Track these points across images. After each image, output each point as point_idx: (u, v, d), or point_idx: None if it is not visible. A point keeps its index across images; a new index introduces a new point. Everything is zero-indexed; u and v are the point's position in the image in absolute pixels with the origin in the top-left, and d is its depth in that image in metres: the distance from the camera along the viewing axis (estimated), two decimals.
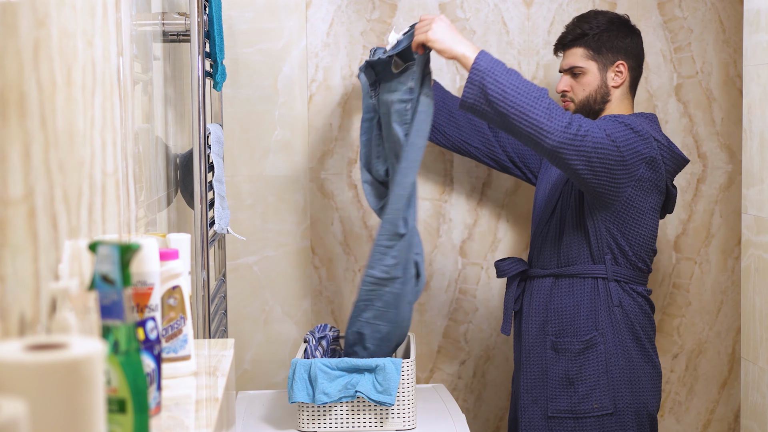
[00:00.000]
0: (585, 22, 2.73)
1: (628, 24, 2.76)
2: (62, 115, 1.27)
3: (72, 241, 1.30)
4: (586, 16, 2.76)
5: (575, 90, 2.74)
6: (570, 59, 2.74)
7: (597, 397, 2.63)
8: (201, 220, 2.23)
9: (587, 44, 2.71)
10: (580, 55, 2.72)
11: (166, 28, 2.26)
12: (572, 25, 2.75)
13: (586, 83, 2.72)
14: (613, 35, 2.71)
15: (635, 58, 2.75)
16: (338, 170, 3.10)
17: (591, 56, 2.71)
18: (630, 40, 2.73)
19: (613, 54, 2.71)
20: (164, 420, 1.29)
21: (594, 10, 2.80)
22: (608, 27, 2.71)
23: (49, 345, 0.93)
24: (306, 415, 2.47)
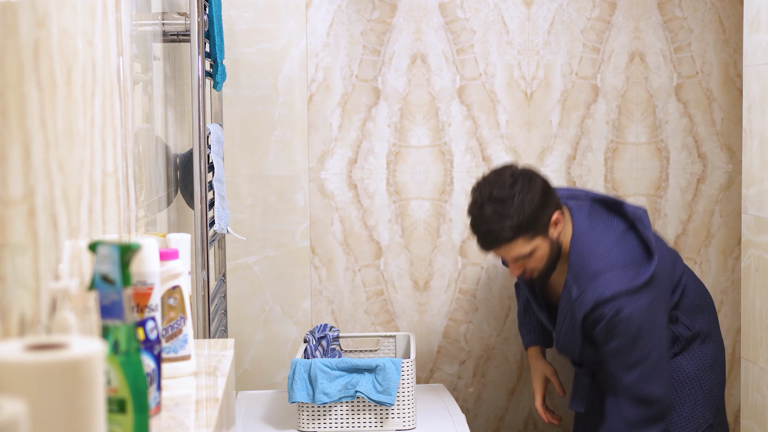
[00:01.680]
0: (506, 218, 2.45)
1: (527, 175, 2.51)
2: (62, 115, 1.27)
3: (72, 241, 1.30)
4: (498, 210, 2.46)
5: (531, 266, 2.54)
6: (512, 252, 2.50)
7: (700, 413, 2.65)
8: (201, 220, 2.22)
9: (522, 233, 2.47)
10: (521, 246, 2.49)
11: (166, 28, 2.26)
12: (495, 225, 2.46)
13: (540, 257, 2.52)
14: (533, 204, 2.47)
15: (551, 195, 2.52)
16: (338, 170, 3.10)
17: (532, 237, 2.49)
18: (543, 188, 2.51)
19: (545, 216, 2.50)
20: (164, 420, 1.29)
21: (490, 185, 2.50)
22: (524, 200, 2.46)
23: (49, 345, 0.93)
24: (306, 415, 2.47)
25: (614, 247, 2.52)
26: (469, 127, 3.12)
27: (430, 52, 3.09)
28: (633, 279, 2.47)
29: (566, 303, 2.54)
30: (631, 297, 2.45)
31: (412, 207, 3.12)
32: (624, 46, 3.14)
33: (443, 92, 3.10)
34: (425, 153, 3.12)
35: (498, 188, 2.48)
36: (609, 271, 2.47)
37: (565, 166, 3.15)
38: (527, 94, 3.12)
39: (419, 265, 3.14)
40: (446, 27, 3.09)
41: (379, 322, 3.14)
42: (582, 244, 2.53)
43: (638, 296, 2.46)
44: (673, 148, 3.17)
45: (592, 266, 2.49)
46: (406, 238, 3.13)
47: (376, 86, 3.09)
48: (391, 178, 3.11)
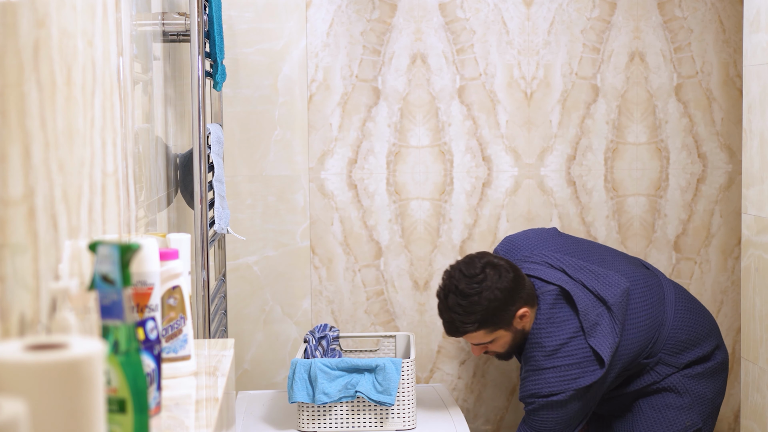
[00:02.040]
0: (471, 314, 2.51)
1: (499, 268, 2.54)
2: (62, 115, 1.27)
3: (72, 241, 1.30)
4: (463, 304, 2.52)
5: (493, 349, 2.62)
6: (474, 339, 2.59)
7: (687, 416, 2.66)
8: (201, 220, 2.22)
9: (482, 327, 2.54)
10: (482, 336, 2.57)
11: (166, 28, 2.26)
12: (458, 317, 2.53)
13: (502, 344, 2.59)
14: (499, 300, 2.51)
15: (521, 290, 2.55)
16: (338, 170, 3.10)
17: (493, 330, 2.55)
18: (510, 284, 2.53)
19: (510, 312, 2.54)
20: (164, 420, 1.29)
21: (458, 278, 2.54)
22: (490, 300, 2.50)
23: (49, 345, 0.92)
24: (306, 415, 2.47)
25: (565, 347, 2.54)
26: (469, 127, 3.12)
27: (430, 52, 3.09)
28: (570, 382, 2.51)
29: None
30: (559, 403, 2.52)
31: (412, 207, 3.12)
32: (624, 46, 3.14)
33: (443, 92, 3.10)
34: (425, 153, 3.12)
35: (466, 282, 2.52)
36: (552, 372, 2.52)
37: (565, 166, 3.15)
38: (527, 94, 3.12)
39: (419, 265, 3.14)
40: (446, 27, 3.09)
41: (379, 322, 3.14)
42: (535, 335, 2.57)
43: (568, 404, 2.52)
44: (673, 148, 3.17)
45: (539, 361, 2.55)
46: (406, 238, 3.13)
47: (376, 86, 3.09)
48: (391, 178, 3.11)
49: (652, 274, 2.75)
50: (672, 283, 2.76)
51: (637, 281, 2.67)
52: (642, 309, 2.63)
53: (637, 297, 2.63)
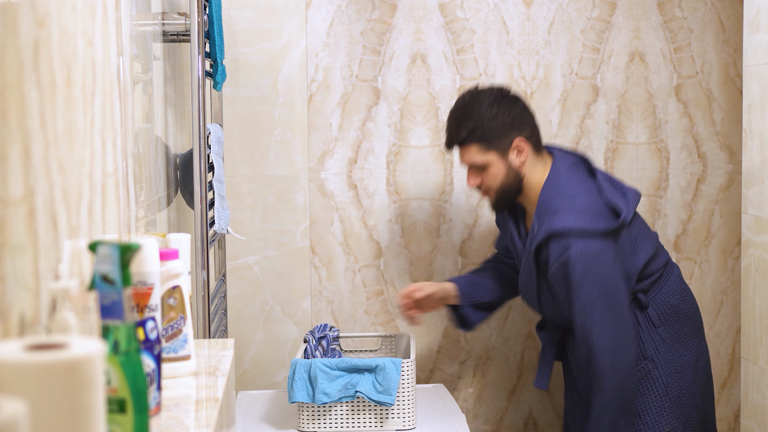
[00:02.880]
0: (467, 119, 2.55)
1: (506, 96, 2.59)
2: (62, 115, 1.27)
3: (72, 241, 1.30)
4: (464, 110, 2.57)
5: (486, 182, 2.60)
6: (467, 157, 2.59)
7: (666, 420, 2.60)
8: (201, 220, 2.22)
9: (478, 139, 2.55)
10: (475, 152, 2.57)
11: (166, 28, 2.26)
12: (455, 125, 2.58)
13: (494, 174, 2.58)
14: (499, 118, 2.54)
15: (528, 125, 2.59)
16: (338, 170, 3.10)
17: (486, 148, 2.56)
18: (515, 112, 2.57)
19: (507, 136, 2.55)
20: (164, 420, 1.29)
21: (469, 96, 2.60)
22: (490, 113, 2.54)
23: (49, 345, 0.92)
24: (306, 415, 2.47)
25: (582, 195, 2.54)
26: None
27: (430, 52, 3.09)
28: (589, 222, 2.48)
29: (528, 241, 2.57)
30: (581, 239, 2.46)
31: (412, 207, 3.12)
32: (624, 46, 3.14)
33: (443, 92, 3.11)
34: (425, 153, 3.12)
35: (476, 94, 2.59)
36: (568, 211, 2.50)
37: None
38: (527, 94, 3.12)
39: (419, 265, 3.14)
40: (446, 27, 3.09)
41: (379, 322, 3.14)
42: (551, 185, 2.57)
43: (588, 241, 2.47)
44: (673, 148, 3.17)
45: (555, 203, 2.53)
46: (406, 238, 3.13)
47: (376, 86, 3.09)
48: (391, 178, 3.12)
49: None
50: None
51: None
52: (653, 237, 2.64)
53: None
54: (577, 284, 2.46)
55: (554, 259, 2.48)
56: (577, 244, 2.46)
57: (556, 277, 2.50)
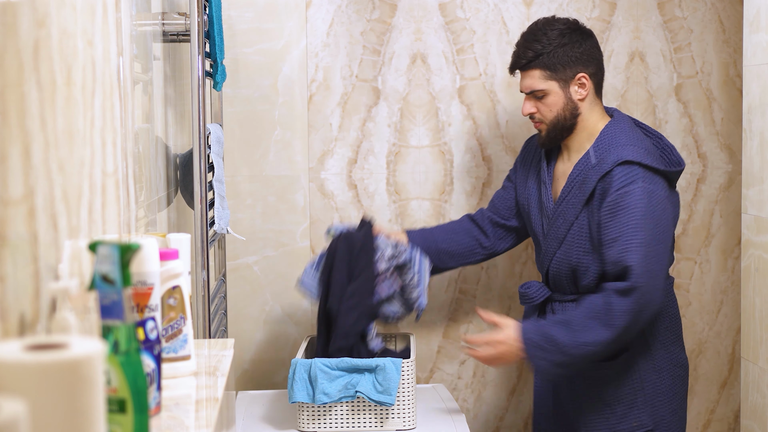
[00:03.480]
0: (536, 42, 2.57)
1: (580, 29, 2.61)
2: (62, 115, 1.27)
3: (72, 241, 1.30)
4: (535, 33, 2.60)
5: (542, 111, 2.60)
6: (528, 82, 2.60)
7: (636, 415, 2.57)
8: (201, 220, 2.23)
9: (543, 65, 2.56)
10: (538, 77, 2.58)
11: (166, 28, 2.26)
12: (523, 46, 2.60)
13: (551, 104, 2.58)
14: (567, 48, 2.57)
15: (595, 63, 2.61)
16: (338, 170, 3.10)
17: (549, 76, 2.57)
18: (585, 47, 2.59)
19: (572, 68, 2.57)
20: (164, 420, 1.29)
21: (542, 21, 2.63)
22: (560, 41, 2.57)
23: (49, 345, 0.92)
24: (306, 415, 2.47)
25: (646, 141, 2.58)
26: (469, 127, 3.12)
27: (430, 52, 3.09)
28: (656, 162, 2.51)
29: (580, 169, 2.56)
30: (649, 175, 2.48)
31: (412, 207, 3.12)
32: (624, 46, 3.14)
33: (443, 92, 3.11)
34: (425, 153, 3.12)
35: (550, 22, 2.61)
36: (635, 147, 2.52)
37: None
38: None
39: None
40: (446, 27, 3.09)
41: (379, 322, 3.14)
42: (615, 127, 2.58)
43: (655, 180, 2.48)
44: None
45: (620, 139, 2.54)
46: None
47: (376, 86, 3.09)
48: (391, 178, 3.12)
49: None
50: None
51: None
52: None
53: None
54: (636, 214, 2.44)
55: (617, 186, 2.47)
56: (644, 181, 2.46)
57: (611, 204, 2.47)
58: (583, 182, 2.55)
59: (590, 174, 2.53)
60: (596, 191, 2.52)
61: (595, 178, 2.51)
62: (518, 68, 2.62)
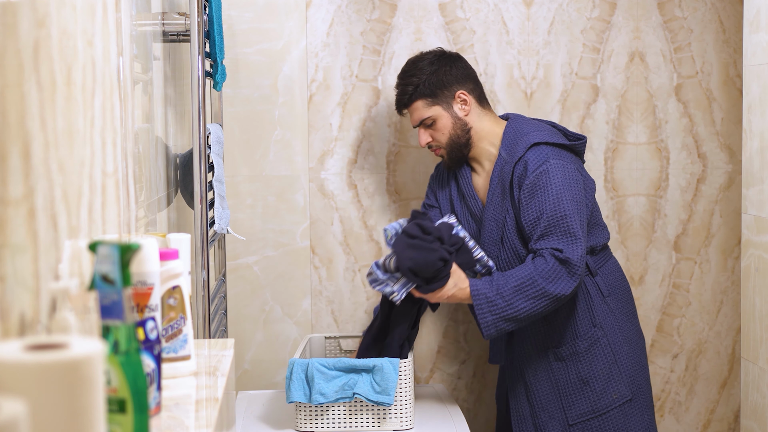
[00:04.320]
0: (411, 77, 2.71)
1: (446, 55, 2.75)
2: (62, 115, 1.27)
3: (72, 241, 1.30)
4: (408, 71, 2.74)
5: (437, 138, 2.72)
6: (416, 114, 2.73)
7: (614, 388, 2.65)
8: (201, 220, 2.22)
9: (422, 94, 2.70)
10: (422, 107, 2.71)
11: (166, 28, 2.26)
12: (402, 86, 2.74)
13: (442, 127, 2.70)
14: (440, 73, 2.70)
15: (470, 79, 2.74)
16: (338, 170, 3.10)
17: (431, 102, 2.70)
18: (456, 68, 2.72)
19: (449, 88, 2.70)
20: (164, 420, 1.29)
21: (411, 60, 2.76)
22: (431, 69, 2.70)
23: (49, 345, 0.92)
24: (304, 415, 2.47)
25: (547, 125, 2.73)
26: None
27: None
28: (561, 139, 2.66)
29: (497, 172, 2.67)
30: (557, 151, 2.62)
31: (412, 207, 3.12)
32: (624, 46, 3.14)
33: None
34: (425, 153, 3.11)
35: (419, 57, 2.76)
36: (538, 131, 2.66)
37: None
38: (527, 94, 3.12)
39: None
40: (446, 27, 3.09)
41: None
42: (515, 125, 2.71)
43: (563, 155, 2.62)
44: (673, 148, 3.17)
45: (522, 130, 2.68)
46: None
47: (376, 86, 3.09)
48: (391, 178, 3.12)
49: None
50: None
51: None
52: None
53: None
54: (553, 190, 2.56)
55: (533, 168, 2.59)
56: (555, 159, 2.59)
57: (533, 188, 2.58)
58: (501, 178, 2.66)
59: (506, 167, 2.64)
60: (513, 180, 2.63)
61: (510, 168, 2.63)
62: (402, 106, 2.76)
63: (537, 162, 2.58)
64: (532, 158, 2.59)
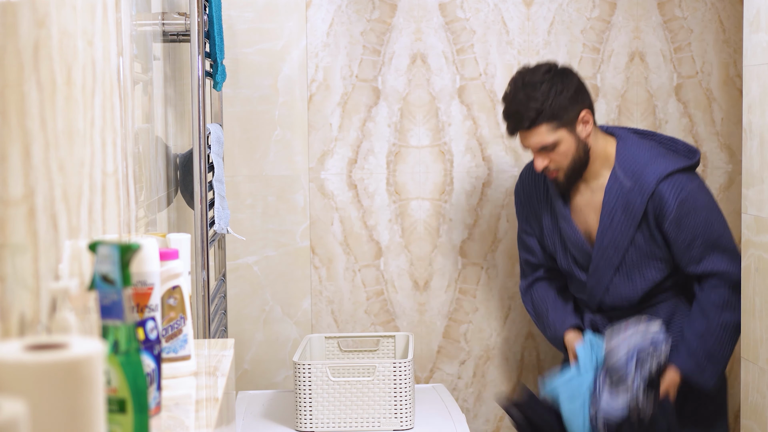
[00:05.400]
0: (531, 100, 2.53)
1: (561, 70, 2.60)
2: (62, 115, 1.27)
3: (72, 241, 1.30)
4: (526, 91, 2.55)
5: (557, 161, 2.58)
6: (536, 139, 2.55)
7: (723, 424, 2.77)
8: (201, 220, 2.22)
9: (547, 118, 2.53)
10: (545, 132, 2.54)
11: (166, 28, 2.26)
12: (522, 106, 2.54)
13: (565, 151, 2.57)
14: (563, 93, 2.54)
15: (588, 95, 2.62)
16: (338, 170, 3.10)
17: (556, 126, 2.54)
18: (575, 84, 2.59)
19: (573, 110, 2.56)
20: (164, 420, 1.29)
21: (525, 76, 2.58)
22: (554, 89, 2.54)
23: (49, 345, 0.92)
24: (305, 415, 2.47)
25: (660, 145, 2.66)
26: (469, 127, 3.12)
27: (430, 52, 3.09)
28: (684, 161, 2.60)
29: (615, 196, 2.59)
30: (686, 176, 2.58)
31: (412, 207, 3.12)
32: (624, 46, 3.14)
33: (443, 92, 3.11)
34: (425, 153, 3.12)
35: (531, 75, 2.58)
36: (661, 157, 2.59)
37: None
38: None
39: (419, 265, 3.14)
40: (446, 27, 3.09)
41: (379, 322, 3.14)
42: (628, 147, 2.63)
43: (693, 178, 2.59)
44: None
45: (642, 157, 2.59)
46: (406, 238, 3.13)
47: (376, 86, 3.09)
48: (391, 178, 3.12)
49: None
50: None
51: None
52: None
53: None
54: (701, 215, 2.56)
55: (673, 201, 2.55)
56: (689, 183, 2.57)
57: (680, 217, 2.56)
58: (626, 207, 2.58)
59: (632, 197, 2.57)
60: (648, 213, 2.58)
61: (643, 200, 2.57)
62: (521, 130, 2.57)
63: (674, 194, 2.54)
64: (667, 191, 2.54)
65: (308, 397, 2.48)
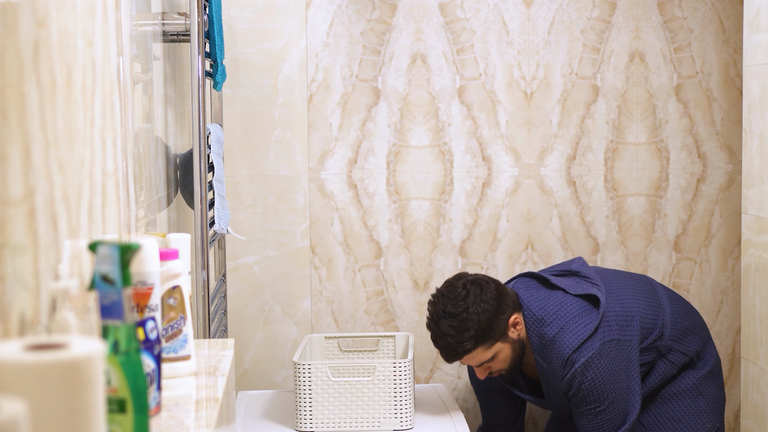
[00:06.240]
0: (462, 331, 2.50)
1: (479, 282, 2.56)
2: (62, 115, 1.27)
3: (72, 241, 1.30)
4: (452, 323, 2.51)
5: (497, 367, 2.60)
6: (473, 361, 2.57)
7: (706, 419, 2.69)
8: (201, 220, 2.22)
9: (479, 342, 2.53)
10: (482, 352, 2.55)
11: (166, 28, 2.26)
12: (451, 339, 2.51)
13: (504, 358, 2.58)
14: (487, 312, 2.52)
15: (508, 296, 2.58)
16: (338, 170, 3.10)
17: (491, 344, 2.55)
18: (495, 295, 2.55)
19: (501, 321, 2.55)
20: (164, 420, 1.29)
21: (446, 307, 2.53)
22: (477, 309, 2.50)
23: (49, 345, 0.92)
24: (305, 415, 2.47)
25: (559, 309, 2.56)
26: (469, 127, 3.12)
27: (430, 52, 3.09)
28: (586, 327, 2.52)
29: (543, 378, 2.60)
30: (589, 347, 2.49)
31: (412, 207, 3.12)
32: (624, 46, 3.14)
33: (443, 92, 3.11)
34: (425, 153, 3.12)
35: (452, 303, 2.53)
36: (560, 331, 2.52)
37: (565, 166, 3.15)
38: (527, 94, 3.12)
39: (419, 265, 3.14)
40: (446, 27, 3.09)
41: (379, 322, 3.14)
42: (530, 320, 2.57)
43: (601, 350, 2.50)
44: (673, 148, 3.17)
45: (547, 335, 2.54)
46: (406, 238, 3.13)
47: (376, 86, 3.09)
48: (391, 178, 3.12)
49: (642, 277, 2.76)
50: (661, 285, 2.77)
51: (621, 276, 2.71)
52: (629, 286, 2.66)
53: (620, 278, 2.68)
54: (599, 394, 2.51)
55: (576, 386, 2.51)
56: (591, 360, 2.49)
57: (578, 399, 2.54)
58: (551, 385, 2.59)
59: (552, 379, 2.56)
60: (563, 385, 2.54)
61: (558, 380, 2.54)
62: (458, 358, 2.56)
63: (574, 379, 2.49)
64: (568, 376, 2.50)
65: (308, 397, 2.48)
